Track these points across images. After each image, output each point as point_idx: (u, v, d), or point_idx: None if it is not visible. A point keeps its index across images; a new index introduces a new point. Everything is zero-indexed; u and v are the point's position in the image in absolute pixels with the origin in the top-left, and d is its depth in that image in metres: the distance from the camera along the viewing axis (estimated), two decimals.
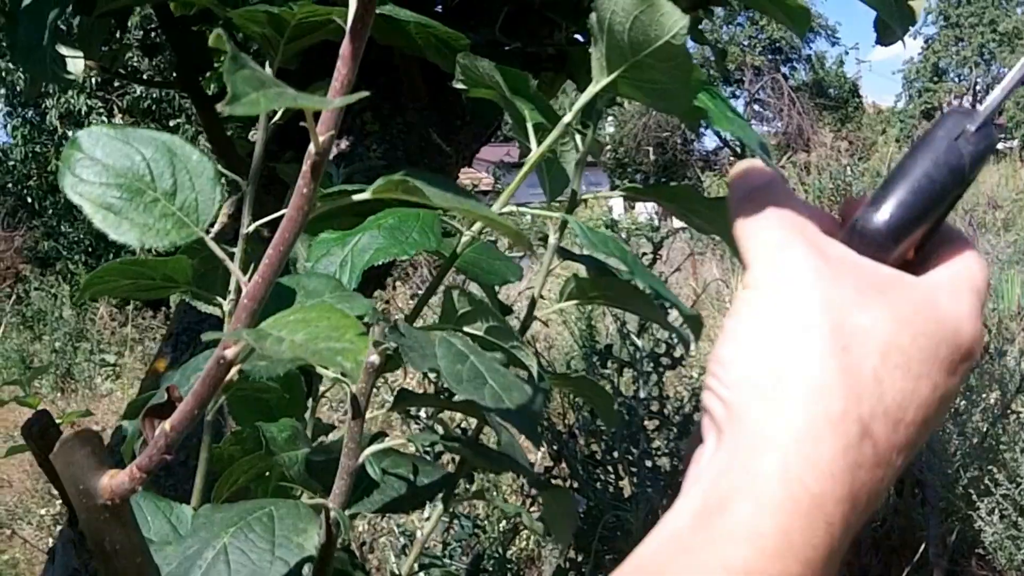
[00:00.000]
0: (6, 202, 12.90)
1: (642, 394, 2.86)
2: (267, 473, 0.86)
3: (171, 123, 11.37)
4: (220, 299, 0.90)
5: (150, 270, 0.78)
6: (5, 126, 12.98)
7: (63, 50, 1.10)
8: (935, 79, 34.37)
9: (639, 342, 2.97)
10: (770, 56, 29.91)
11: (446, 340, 0.58)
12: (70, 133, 11.50)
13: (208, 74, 1.37)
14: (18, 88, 11.97)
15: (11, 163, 12.84)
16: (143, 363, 8.49)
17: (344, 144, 1.42)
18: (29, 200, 12.78)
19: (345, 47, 0.39)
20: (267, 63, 0.88)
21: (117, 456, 1.44)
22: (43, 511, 4.77)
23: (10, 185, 13.09)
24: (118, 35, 1.23)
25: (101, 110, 11.13)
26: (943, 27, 34.20)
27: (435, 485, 0.70)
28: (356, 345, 0.35)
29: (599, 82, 0.76)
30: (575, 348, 3.33)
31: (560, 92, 1.61)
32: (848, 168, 13.74)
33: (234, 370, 0.48)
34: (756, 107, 29.38)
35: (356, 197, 0.40)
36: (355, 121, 1.43)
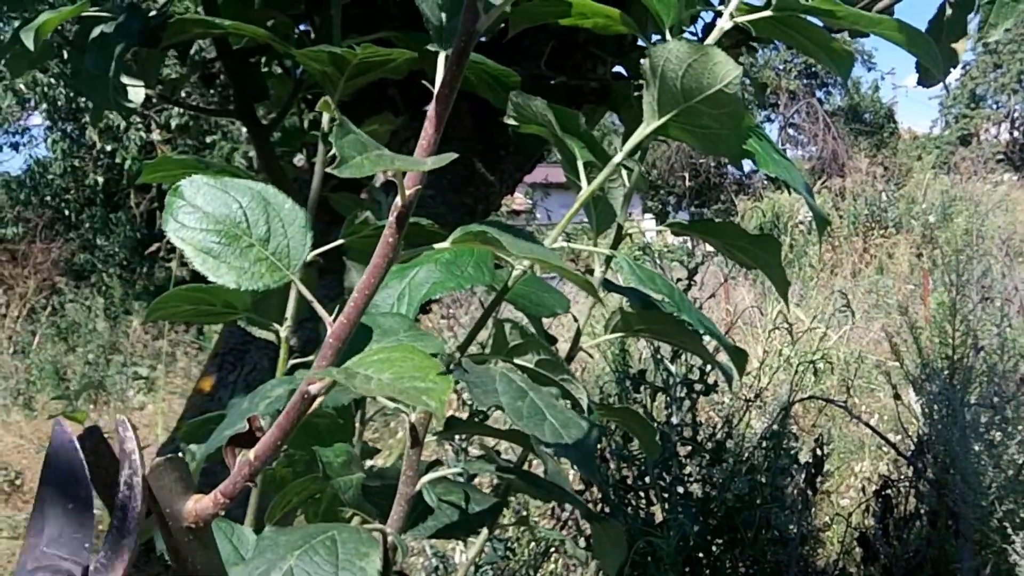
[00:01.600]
0: (44, 215, 13.04)
1: (675, 420, 2.87)
2: (318, 496, 0.88)
3: (207, 139, 11.49)
4: (277, 325, 0.94)
5: (211, 296, 0.82)
6: (45, 140, 13.15)
7: (125, 79, 1.14)
8: (972, 105, 34.14)
9: (672, 367, 2.98)
10: (805, 80, 29.82)
11: (506, 376, 0.61)
12: (108, 148, 11.67)
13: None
14: (59, 103, 12.13)
15: (50, 176, 13.00)
16: (176, 377, 8.55)
17: (390, 174, 1.45)
18: (66, 213, 12.93)
19: (432, 111, 0.42)
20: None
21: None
22: None
23: (48, 198, 13.25)
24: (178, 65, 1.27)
25: (139, 126, 11.26)
26: (981, 53, 33.99)
27: (486, 513, 0.73)
28: (439, 385, 0.37)
29: (650, 124, 0.78)
30: (608, 372, 3.34)
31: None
32: (883, 194, 13.67)
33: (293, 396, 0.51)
34: (791, 131, 29.28)
35: (437, 246, 0.43)
36: (402, 150, 1.46)
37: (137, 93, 1.16)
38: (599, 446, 3.01)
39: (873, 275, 10.26)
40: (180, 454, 0.47)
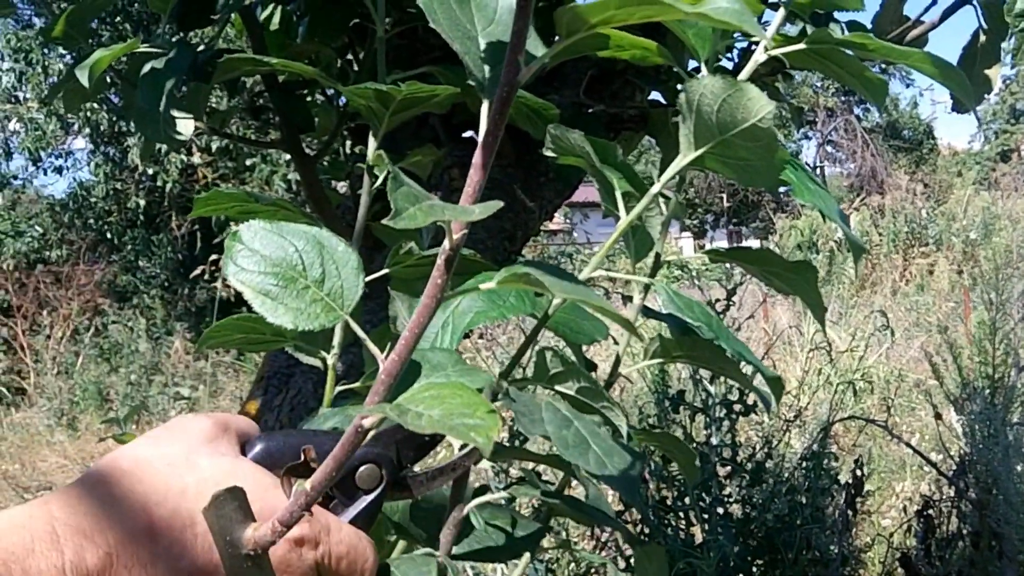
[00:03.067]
0: (87, 237, 13.22)
1: (714, 440, 2.87)
2: None
3: (247, 162, 11.61)
4: (324, 352, 0.96)
5: (261, 325, 0.84)
6: (88, 163, 13.33)
7: (174, 112, 1.18)
8: (1012, 121, 33.83)
9: (711, 388, 2.98)
10: (843, 97, 29.69)
11: (552, 406, 0.63)
12: (150, 171, 11.83)
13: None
14: (101, 127, 12.31)
15: (93, 199, 13.17)
16: (217, 398, 8.62)
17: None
18: (109, 236, 13.09)
19: (477, 157, 0.44)
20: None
21: None
22: None
23: (91, 221, 13.42)
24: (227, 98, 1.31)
25: (180, 149, 11.41)
26: (1021, 69, 33.68)
27: (530, 537, 0.75)
28: (487, 422, 0.40)
29: (687, 156, 0.80)
30: (647, 393, 3.35)
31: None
32: (924, 211, 13.58)
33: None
34: (829, 148, 29.15)
35: (483, 287, 0.45)
36: (443, 177, 1.49)
37: (187, 126, 1.19)
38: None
39: (913, 293, 10.19)
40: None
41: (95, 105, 11.99)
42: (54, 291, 11.59)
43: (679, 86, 1.24)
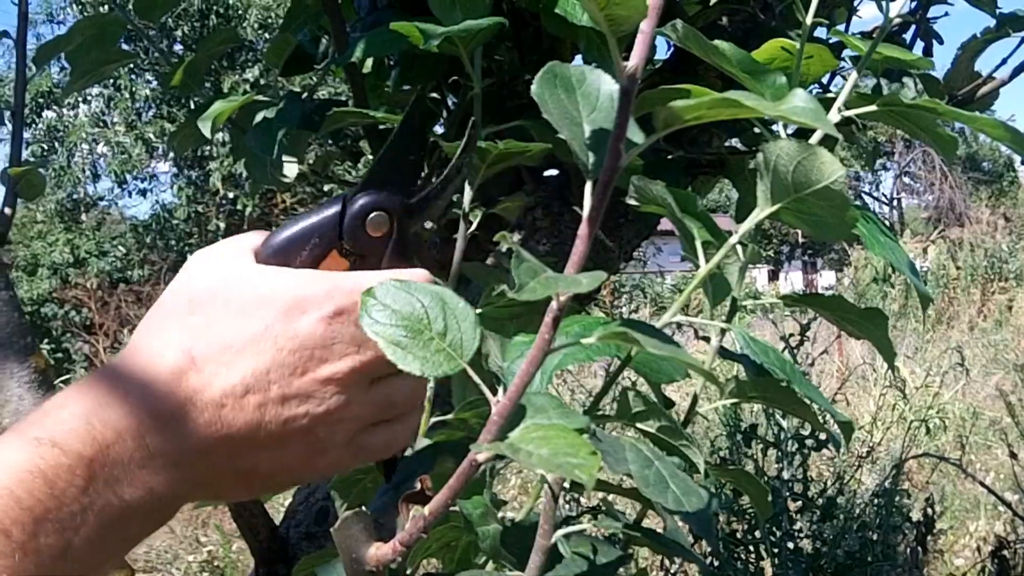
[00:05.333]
0: (168, 258, 13.53)
1: (786, 475, 2.90)
2: (453, 543, 0.97)
3: (325, 187, 11.82)
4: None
5: None
6: (171, 186, 13.68)
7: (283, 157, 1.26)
8: None
9: (783, 422, 3.01)
10: None
11: (635, 446, 0.69)
12: (230, 194, 12.15)
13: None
14: (185, 152, 12.65)
15: (175, 221, 13.51)
16: None
17: (516, 238, 1.55)
18: (189, 256, 13.40)
19: (582, 230, 0.51)
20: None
21: (302, 512, 1.58)
22: (191, 557, 4.97)
23: (173, 242, 13.76)
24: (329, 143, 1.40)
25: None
26: None
27: (612, 564, 0.81)
28: (590, 462, 0.46)
29: (764, 210, 0.86)
30: (719, 426, 3.38)
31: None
32: (1004, 244, 13.34)
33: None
34: (906, 180, 28.78)
35: (584, 341, 0.52)
36: (526, 216, 1.56)
37: (291, 169, 1.28)
38: None
39: (991, 329, 10.02)
40: (363, 508, 0.57)
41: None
42: (135, 310, 11.88)
43: (756, 130, 1.29)
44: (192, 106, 1.30)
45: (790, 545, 2.88)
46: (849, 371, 4.91)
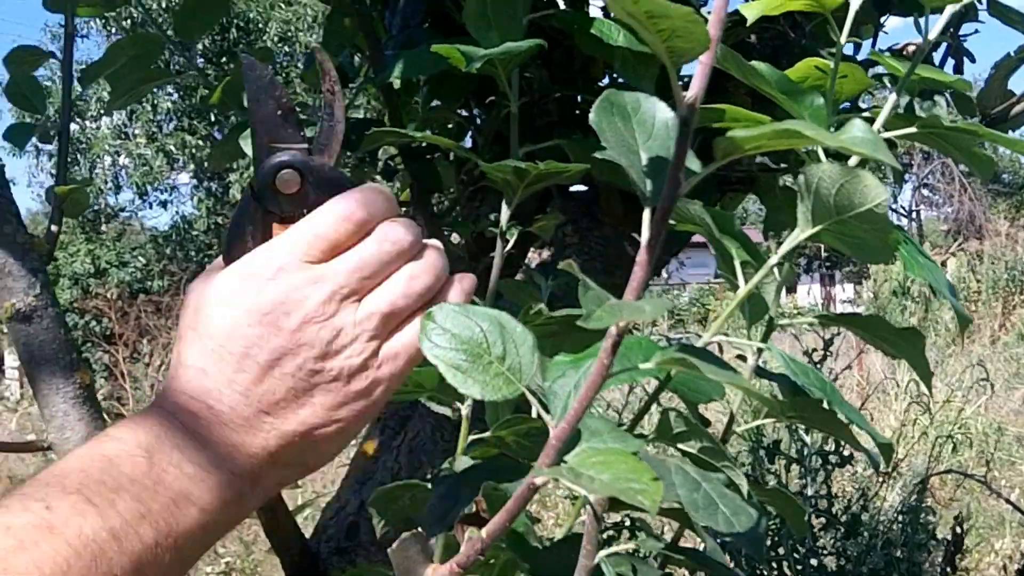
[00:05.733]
0: (188, 269, 13.59)
1: (809, 491, 2.89)
2: (491, 560, 0.98)
3: None
4: (459, 404, 1.04)
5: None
6: (191, 198, 13.76)
7: None
8: None
9: (807, 438, 3.00)
10: None
11: (681, 469, 0.70)
12: None
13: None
14: (205, 163, 12.71)
15: (194, 232, 13.57)
16: None
17: (546, 254, 1.56)
18: (207, 267, 13.46)
19: (641, 256, 0.51)
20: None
21: (332, 527, 1.59)
22: (208, 568, 4.99)
23: (192, 252, 13.82)
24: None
25: None
26: None
27: None
28: (652, 487, 0.47)
29: (804, 231, 0.86)
30: (741, 441, 3.38)
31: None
32: None
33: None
34: (925, 192, 28.68)
35: (642, 366, 0.52)
36: (557, 233, 1.57)
37: None
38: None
39: (1013, 343, 9.96)
40: (419, 529, 0.58)
41: (200, 142, 12.44)
42: (154, 320, 11.91)
43: (790, 148, 1.29)
44: (211, 118, 1.31)
45: (814, 562, 2.87)
46: (871, 386, 4.89)
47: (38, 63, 1.23)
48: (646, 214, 0.53)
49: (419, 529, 0.58)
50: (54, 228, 1.12)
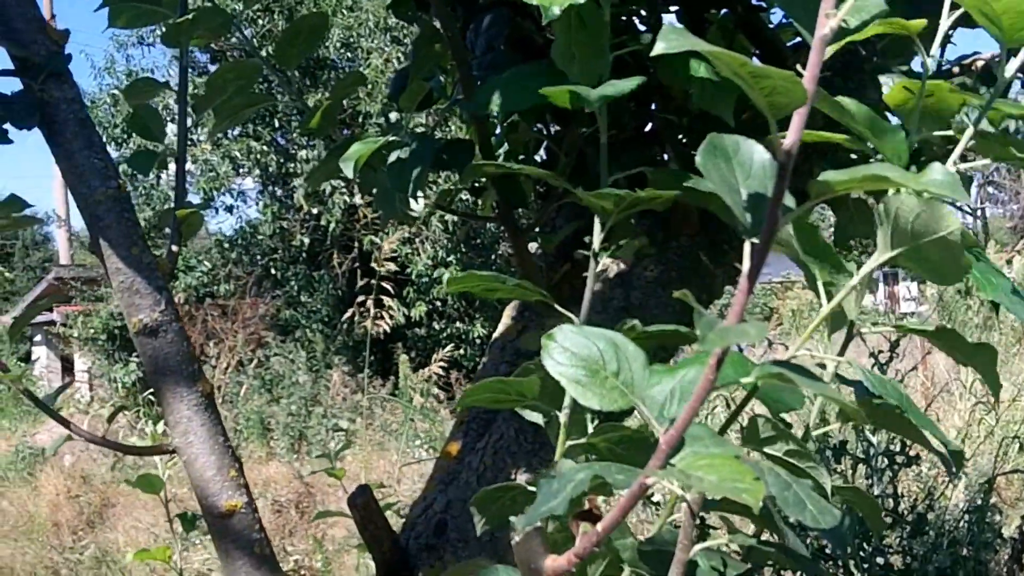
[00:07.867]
0: (253, 273, 13.75)
1: (875, 491, 2.92)
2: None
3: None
4: (556, 411, 1.11)
5: (508, 387, 1.00)
6: (256, 203, 13.92)
7: None
8: None
9: (873, 438, 3.03)
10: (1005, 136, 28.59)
11: (773, 471, 0.76)
12: (314, 211, 12.33)
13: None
14: (270, 169, 12.87)
15: (260, 237, 13.73)
16: (373, 430, 8.86)
17: (623, 266, 1.63)
18: (273, 271, 13.63)
19: (742, 284, 0.58)
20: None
21: (420, 525, 1.67)
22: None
23: (258, 257, 13.98)
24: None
25: (343, 190, 11.84)
26: None
27: None
28: (755, 487, 0.53)
29: (884, 255, 0.92)
30: (812, 442, 3.40)
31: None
32: None
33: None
34: (990, 189, 28.21)
35: (743, 380, 0.59)
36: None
37: (418, 204, 1.38)
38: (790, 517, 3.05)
39: None
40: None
41: (264, 148, 12.62)
42: (221, 324, 12.09)
43: (852, 155, 1.34)
44: (275, 124, 1.39)
45: (880, 560, 2.90)
46: (936, 387, 4.89)
47: (154, 94, 1.33)
48: (747, 246, 0.60)
49: (539, 524, 0.65)
50: (175, 248, 1.21)
